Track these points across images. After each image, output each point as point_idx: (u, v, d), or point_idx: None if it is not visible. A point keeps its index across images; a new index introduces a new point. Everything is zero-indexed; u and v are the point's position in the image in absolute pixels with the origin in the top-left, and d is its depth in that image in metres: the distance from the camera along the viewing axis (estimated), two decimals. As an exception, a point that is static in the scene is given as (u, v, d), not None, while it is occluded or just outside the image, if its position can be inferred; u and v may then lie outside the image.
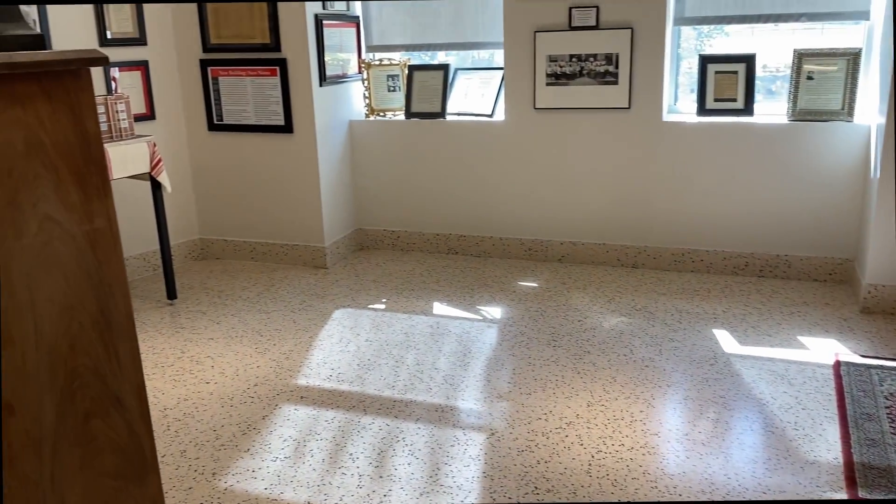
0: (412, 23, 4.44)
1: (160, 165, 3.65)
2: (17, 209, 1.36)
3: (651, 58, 3.89)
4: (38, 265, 1.40)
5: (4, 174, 1.34)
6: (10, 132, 1.34)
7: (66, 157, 1.43)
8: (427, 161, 4.42)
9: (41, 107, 1.38)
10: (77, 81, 1.44)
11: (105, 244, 1.51)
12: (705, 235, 4.01)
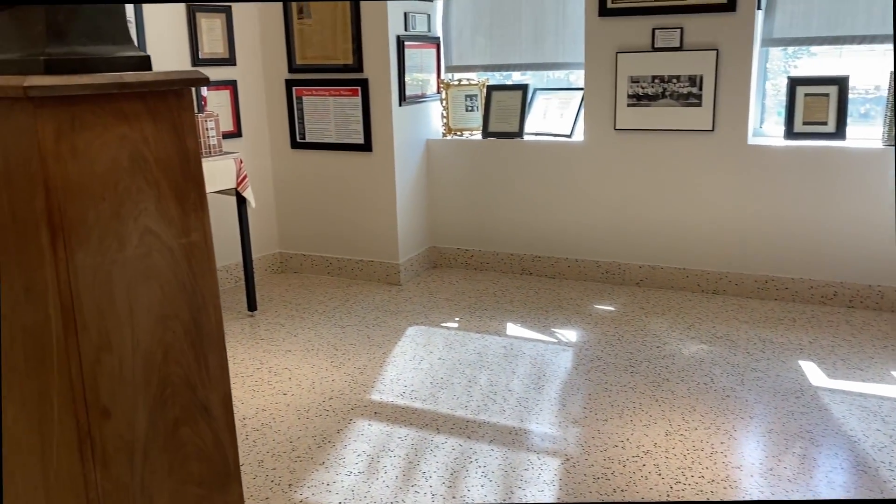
0: (492, 44, 4.47)
1: (246, 181, 3.76)
2: (121, 222, 1.43)
3: (737, 80, 3.80)
4: (138, 276, 1.46)
5: (110, 188, 1.40)
6: (117, 148, 1.41)
7: (166, 173, 1.49)
8: (503, 180, 4.42)
9: (146, 125, 1.45)
10: (179, 101, 1.50)
11: (200, 257, 1.57)
12: (791, 262, 3.86)
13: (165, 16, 3.90)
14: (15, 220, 1.39)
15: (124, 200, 1.42)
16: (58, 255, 1.34)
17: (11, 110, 1.33)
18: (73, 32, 1.40)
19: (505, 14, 4.39)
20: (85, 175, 1.36)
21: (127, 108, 1.41)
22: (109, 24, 1.46)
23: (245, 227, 3.85)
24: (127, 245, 1.44)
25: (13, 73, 1.39)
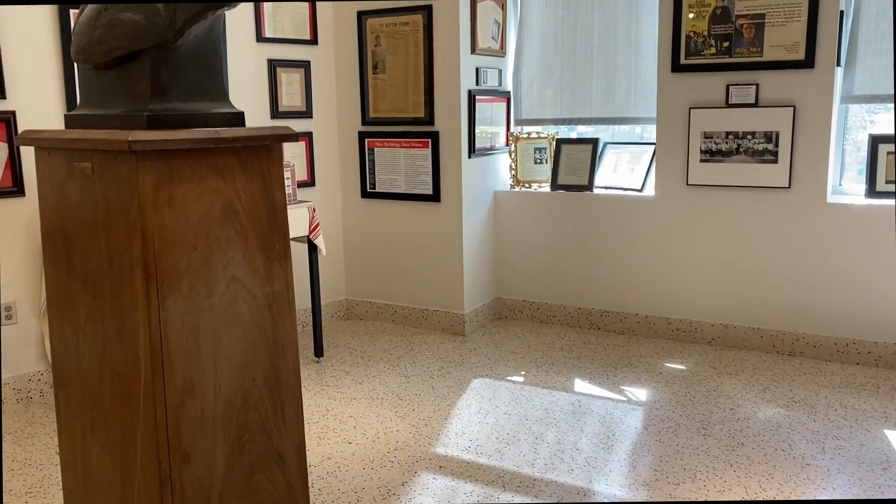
0: (562, 98, 4.50)
1: (318, 229, 3.85)
2: (210, 270, 1.48)
3: (815, 136, 3.72)
4: (223, 323, 1.50)
5: (202, 237, 1.46)
6: (211, 200, 1.46)
7: (254, 224, 1.54)
8: (571, 233, 4.40)
9: (238, 178, 1.50)
10: (270, 155, 1.55)
11: (281, 306, 1.60)
12: (874, 325, 3.71)
13: (248, 69, 4.07)
14: (112, 266, 1.45)
15: (214, 249, 1.47)
16: (150, 300, 1.39)
17: (115, 162, 1.40)
18: (175, 89, 1.48)
19: (575, 69, 4.43)
20: (179, 225, 1.42)
21: (221, 162, 1.47)
22: (208, 81, 1.53)
23: (315, 274, 3.91)
24: (214, 293, 1.48)
25: (116, 127, 1.47)
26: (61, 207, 1.54)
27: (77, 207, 1.49)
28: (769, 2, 3.72)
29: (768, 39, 3.75)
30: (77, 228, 1.50)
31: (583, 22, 4.39)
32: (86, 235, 1.48)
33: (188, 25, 1.43)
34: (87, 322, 1.53)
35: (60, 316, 1.60)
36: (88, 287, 1.50)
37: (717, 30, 3.86)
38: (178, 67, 1.47)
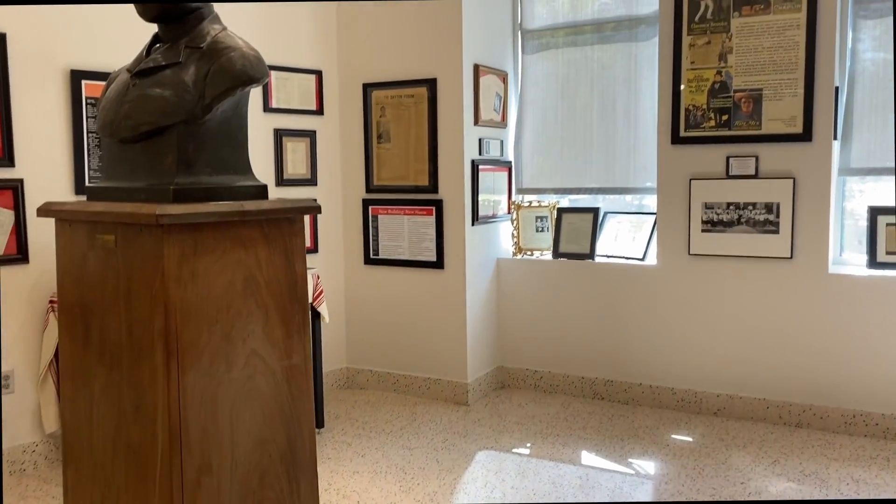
0: (562, 167, 4.57)
1: (321, 297, 3.83)
2: (230, 343, 1.46)
3: (815, 208, 3.77)
4: (241, 398, 1.48)
5: (223, 310, 1.45)
6: (233, 272, 1.46)
7: (275, 296, 1.53)
8: (574, 301, 4.40)
9: (260, 250, 1.50)
10: (291, 227, 1.56)
11: (299, 380, 1.58)
12: (880, 397, 3.68)
13: (254, 138, 4.11)
14: (131, 339, 1.43)
15: (235, 323, 1.46)
16: (171, 375, 1.37)
17: (140, 235, 1.40)
18: (200, 163, 1.49)
19: (575, 140, 4.51)
20: (202, 298, 1.41)
21: (244, 234, 1.47)
22: (233, 155, 1.55)
23: (318, 343, 3.88)
24: (234, 367, 1.46)
25: (142, 199, 1.48)
26: (81, 279, 1.53)
27: (98, 280, 1.48)
28: (766, 77, 3.82)
29: (766, 113, 3.84)
30: (97, 300, 1.49)
31: (582, 95, 4.49)
32: (106, 308, 1.47)
33: (217, 102, 1.45)
34: (102, 395, 1.50)
35: (74, 389, 1.57)
36: (105, 360, 1.48)
37: (716, 103, 3.95)
38: (204, 142, 1.49)
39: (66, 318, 1.59)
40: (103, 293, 1.47)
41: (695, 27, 3.97)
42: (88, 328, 1.52)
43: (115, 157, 1.58)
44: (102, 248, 1.46)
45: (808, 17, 3.70)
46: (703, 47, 3.96)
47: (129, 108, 1.51)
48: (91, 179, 3.51)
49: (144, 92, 1.51)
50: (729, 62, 3.90)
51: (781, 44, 3.77)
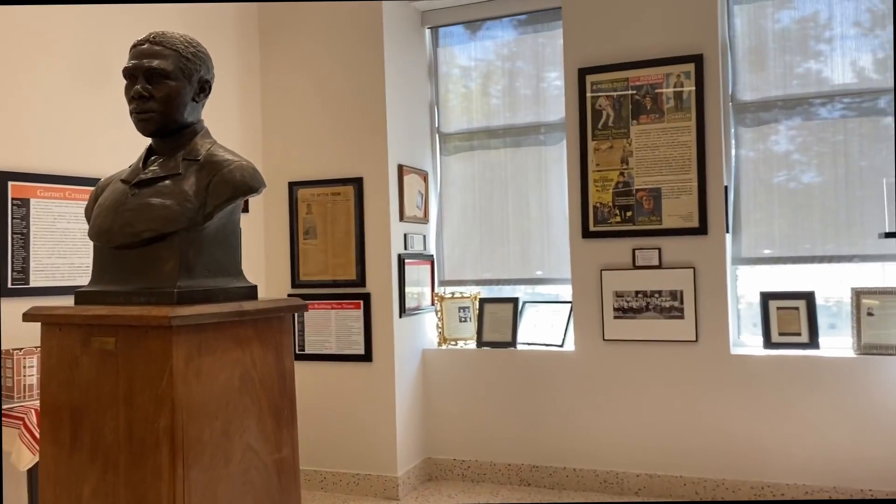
0: (481, 260, 4.81)
1: (252, 393, 3.81)
2: (228, 439, 1.52)
3: (714, 294, 4.14)
4: (238, 492, 1.52)
5: (223, 407, 1.51)
6: (231, 369, 1.54)
7: (267, 392, 1.61)
8: (498, 389, 4.55)
9: (255, 348, 1.59)
10: (281, 325, 1.66)
11: (288, 473, 1.64)
12: (784, 468, 3.98)
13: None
14: (131, 439, 1.47)
15: (232, 419, 1.52)
16: (176, 472, 1.41)
17: (145, 336, 1.46)
18: (198, 267, 1.58)
19: (493, 234, 4.78)
20: (205, 395, 1.47)
21: (241, 333, 1.56)
22: (227, 259, 1.65)
23: (249, 441, 3.82)
24: (231, 462, 1.51)
25: (141, 303, 1.54)
26: (70, 382, 1.56)
27: (91, 382, 1.51)
28: (664, 178, 4.24)
29: (666, 210, 4.24)
30: (90, 403, 1.52)
31: (497, 193, 4.80)
32: (100, 410, 1.50)
33: (218, 210, 1.56)
34: (92, 498, 1.51)
35: (56, 494, 1.57)
36: (97, 462, 1.49)
37: (620, 201, 4.33)
38: (202, 247, 1.58)
39: (50, 422, 1.59)
40: (98, 395, 1.50)
41: (598, 133, 4.37)
42: (77, 431, 1.54)
43: (107, 262, 1.64)
44: (100, 350, 1.50)
45: (697, 125, 4.17)
46: (607, 151, 4.36)
47: (130, 216, 1.59)
48: (14, 282, 3.44)
49: (146, 201, 1.59)
50: (630, 164, 4.31)
51: (676, 148, 4.22)
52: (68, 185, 3.66)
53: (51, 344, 1.62)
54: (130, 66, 1.75)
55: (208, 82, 1.90)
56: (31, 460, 2.96)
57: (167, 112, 1.73)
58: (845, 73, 4.09)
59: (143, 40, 1.79)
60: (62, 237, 3.65)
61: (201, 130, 1.86)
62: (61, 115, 3.65)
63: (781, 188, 4.20)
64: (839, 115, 4.11)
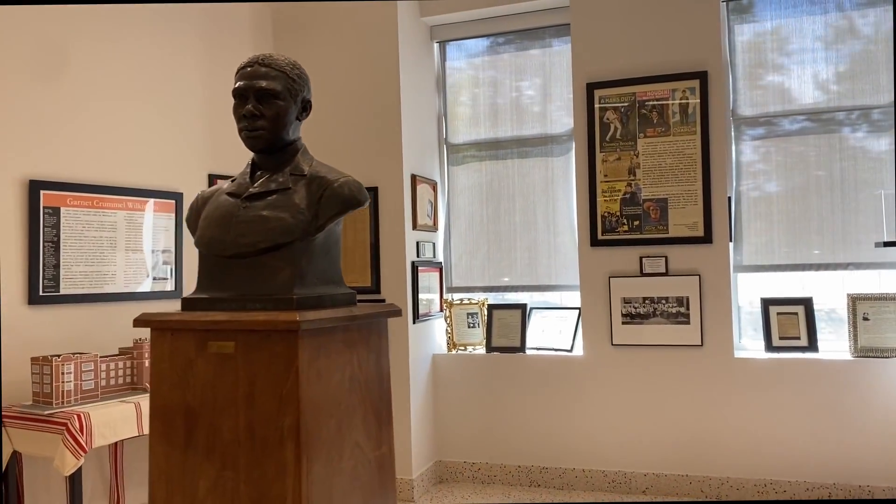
0: (489, 267, 4.94)
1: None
2: (341, 436, 1.62)
3: (718, 300, 4.32)
4: (348, 488, 1.62)
5: (336, 406, 1.61)
6: (342, 371, 1.64)
7: (370, 392, 1.71)
8: (507, 393, 4.68)
9: (360, 351, 1.70)
10: (380, 329, 1.76)
11: (387, 468, 1.74)
12: (785, 466, 4.17)
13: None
14: (253, 438, 1.56)
15: (343, 417, 1.62)
16: (301, 469, 1.51)
17: (268, 340, 1.56)
18: (309, 275, 1.68)
19: (500, 242, 4.92)
20: (322, 395, 1.58)
21: (350, 337, 1.66)
22: (330, 267, 1.75)
23: (272, 445, 3.90)
24: (343, 458, 1.61)
25: (257, 309, 1.64)
26: (184, 385, 1.64)
27: (207, 384, 1.60)
28: (670, 189, 4.42)
29: (672, 219, 4.42)
30: (206, 404, 1.60)
31: (504, 202, 4.94)
32: (217, 410, 1.58)
33: (329, 222, 1.66)
34: (208, 495, 1.59)
35: (169, 491, 1.65)
36: (215, 460, 1.58)
37: (628, 211, 4.50)
38: (312, 257, 1.68)
39: (161, 422, 1.67)
40: (215, 396, 1.59)
41: (606, 145, 4.54)
42: (192, 431, 1.62)
43: (214, 271, 1.72)
44: (217, 354, 1.59)
45: (702, 138, 4.36)
46: (615, 163, 4.53)
47: (244, 228, 1.68)
48: (45, 289, 3.48)
49: (259, 214, 1.69)
50: (637, 176, 4.48)
51: (681, 161, 4.40)
52: (96, 193, 3.71)
53: (162, 348, 1.70)
54: (241, 86, 1.84)
55: (310, 102, 2.00)
56: (75, 465, 3.01)
57: (275, 130, 1.82)
58: (840, 87, 4.32)
59: (251, 62, 1.89)
60: (91, 246, 3.70)
61: (301, 147, 1.96)
62: (91, 125, 3.71)
63: (780, 199, 4.40)
64: (836, 129, 4.33)
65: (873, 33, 4.27)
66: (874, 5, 4.27)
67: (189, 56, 4.23)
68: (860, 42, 4.30)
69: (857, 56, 4.30)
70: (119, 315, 3.79)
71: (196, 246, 1.78)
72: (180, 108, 4.17)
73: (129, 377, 3.53)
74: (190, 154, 4.22)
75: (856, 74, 4.30)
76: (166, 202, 4.06)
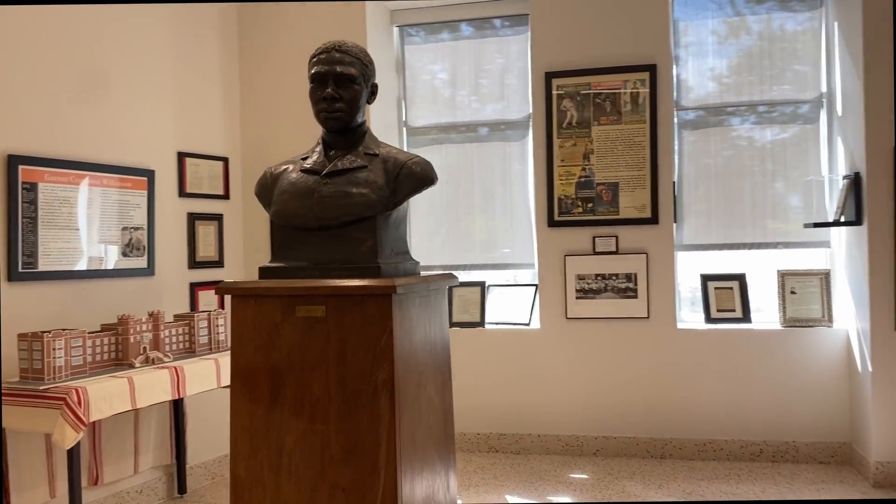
0: (448, 246, 5.15)
1: (256, 373, 3.98)
2: (420, 389, 1.81)
3: (663, 276, 4.70)
4: (424, 437, 1.81)
5: (415, 363, 1.79)
6: (420, 332, 1.82)
7: (435, 351, 1.90)
8: (468, 365, 4.91)
9: (432, 314, 1.89)
10: (441, 295, 1.95)
11: (449, 420, 1.93)
12: (722, 426, 4.61)
13: (169, 221, 4.22)
14: (343, 392, 1.72)
15: (422, 373, 1.80)
16: (395, 418, 1.68)
17: (361, 304, 1.71)
18: (386, 246, 1.85)
19: (459, 223, 5.14)
20: (407, 353, 1.75)
21: (423, 302, 1.84)
22: (400, 239, 1.93)
23: (252, 419, 3.99)
24: (421, 410, 1.79)
25: (342, 276, 1.79)
26: (270, 347, 1.77)
27: (295, 346, 1.74)
28: (621, 173, 4.75)
29: (622, 202, 4.76)
30: (293, 364, 1.74)
31: (463, 184, 5.15)
32: (306, 369, 1.72)
33: (406, 198, 1.83)
34: (297, 446, 1.73)
35: (253, 446, 1.77)
36: (303, 415, 1.72)
37: (583, 194, 4.81)
38: (387, 230, 1.84)
39: (243, 382, 1.79)
40: (303, 357, 1.73)
41: (562, 132, 4.83)
42: (278, 389, 1.75)
43: (291, 242, 1.84)
44: (305, 318, 1.72)
45: (650, 127, 4.71)
46: (571, 148, 4.82)
47: (329, 202, 1.81)
48: (24, 265, 3.44)
49: (342, 189, 1.82)
50: (591, 161, 4.79)
51: (631, 147, 4.74)
52: (73, 169, 3.67)
53: (245, 314, 1.82)
54: (322, 70, 1.95)
55: (377, 86, 2.14)
56: (75, 438, 3.03)
57: (351, 112, 1.96)
58: (773, 83, 4.76)
59: (327, 48, 2.00)
60: (67, 222, 3.67)
61: (367, 129, 2.10)
62: (68, 101, 3.66)
63: (718, 184, 4.82)
64: (767, 120, 4.77)
65: (780, 33, 4.73)
66: (791, 10, 4.72)
67: (160, 40, 4.21)
68: (789, 42, 4.75)
69: (786, 54, 4.75)
70: (95, 291, 3.78)
71: (274, 219, 1.90)
72: (152, 89, 4.15)
73: (114, 353, 3.54)
74: (161, 133, 4.22)
75: (800, 71, 4.75)
76: (139, 179, 4.05)
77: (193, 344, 3.87)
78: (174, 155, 4.31)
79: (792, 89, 4.74)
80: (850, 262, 4.43)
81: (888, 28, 4.05)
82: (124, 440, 3.89)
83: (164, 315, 3.74)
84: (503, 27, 5.14)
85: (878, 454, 4.08)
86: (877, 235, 4.11)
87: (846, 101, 4.44)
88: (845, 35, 4.41)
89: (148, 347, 3.62)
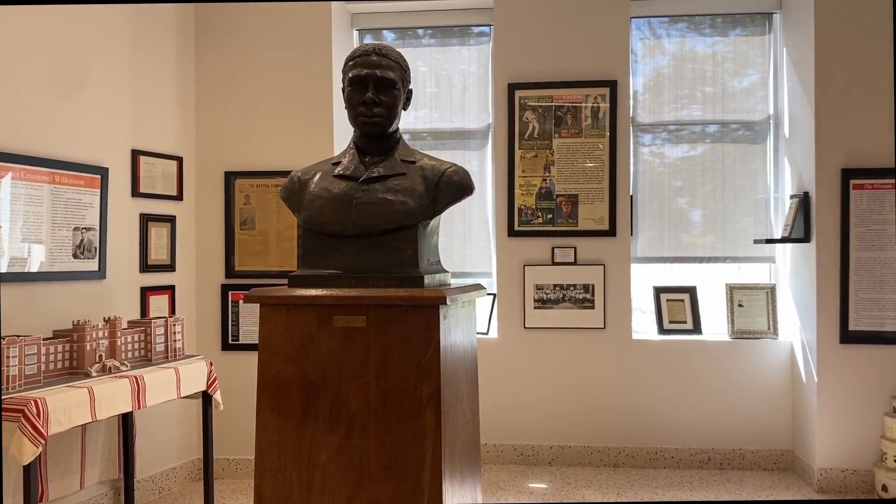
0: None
1: (216, 383, 3.82)
2: (455, 402, 1.76)
3: (619, 287, 4.80)
4: (460, 447, 1.77)
5: (454, 373, 1.74)
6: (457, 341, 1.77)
7: (467, 363, 1.86)
8: (425, 376, 4.87)
9: (464, 324, 1.84)
10: (471, 305, 1.91)
11: (476, 430, 1.89)
12: (674, 435, 4.74)
13: (120, 222, 4.01)
14: (385, 406, 1.66)
15: (457, 385, 1.76)
16: (440, 432, 1.63)
17: (404, 314, 1.66)
18: (424, 255, 1.80)
19: (420, 231, 5.09)
20: (450, 364, 1.71)
21: (458, 312, 1.79)
22: (432, 249, 1.88)
23: (210, 430, 3.83)
24: (458, 421, 1.75)
25: (380, 285, 1.73)
26: (303, 359, 1.68)
27: (332, 357, 1.66)
28: (581, 186, 4.83)
29: (582, 214, 4.83)
30: (329, 376, 1.66)
31: (421, 191, 5.11)
32: (344, 382, 1.65)
33: (446, 207, 1.78)
34: (331, 462, 1.66)
35: (282, 462, 1.69)
36: (339, 429, 1.65)
37: (543, 205, 4.86)
38: (425, 238, 1.79)
39: (273, 396, 1.71)
40: (341, 369, 1.65)
41: (524, 143, 4.87)
42: (311, 402, 1.67)
43: (324, 249, 1.76)
44: (343, 328, 1.65)
45: (610, 141, 4.81)
46: (532, 159, 4.87)
47: (367, 209, 1.74)
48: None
49: (382, 197, 1.75)
50: (552, 172, 4.85)
51: (591, 160, 4.83)
52: (25, 164, 3.44)
53: (274, 323, 1.73)
54: (363, 74, 1.87)
55: (412, 92, 2.07)
56: (34, 453, 2.82)
57: (390, 117, 1.89)
58: (725, 103, 4.95)
59: (366, 51, 1.92)
60: (19, 220, 3.43)
61: (400, 136, 2.04)
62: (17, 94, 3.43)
63: (671, 199, 4.97)
64: (719, 139, 4.96)
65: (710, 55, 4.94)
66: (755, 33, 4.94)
67: (116, 35, 4.00)
68: (740, 65, 4.95)
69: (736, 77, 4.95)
70: (45, 295, 3.55)
71: (305, 225, 1.81)
72: (106, 85, 3.94)
73: (68, 361, 3.32)
74: (115, 130, 4.00)
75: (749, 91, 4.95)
76: (92, 177, 3.82)
77: (149, 352, 3.68)
78: (128, 152, 4.09)
79: (742, 109, 4.95)
80: (796, 277, 4.64)
81: (839, 53, 4.28)
82: (71, 454, 3.65)
83: (120, 321, 3.54)
84: (463, 36, 5.15)
85: (823, 461, 4.28)
86: (824, 252, 4.33)
87: (793, 124, 4.67)
88: (794, 59, 4.64)
89: (104, 355, 3.41)
